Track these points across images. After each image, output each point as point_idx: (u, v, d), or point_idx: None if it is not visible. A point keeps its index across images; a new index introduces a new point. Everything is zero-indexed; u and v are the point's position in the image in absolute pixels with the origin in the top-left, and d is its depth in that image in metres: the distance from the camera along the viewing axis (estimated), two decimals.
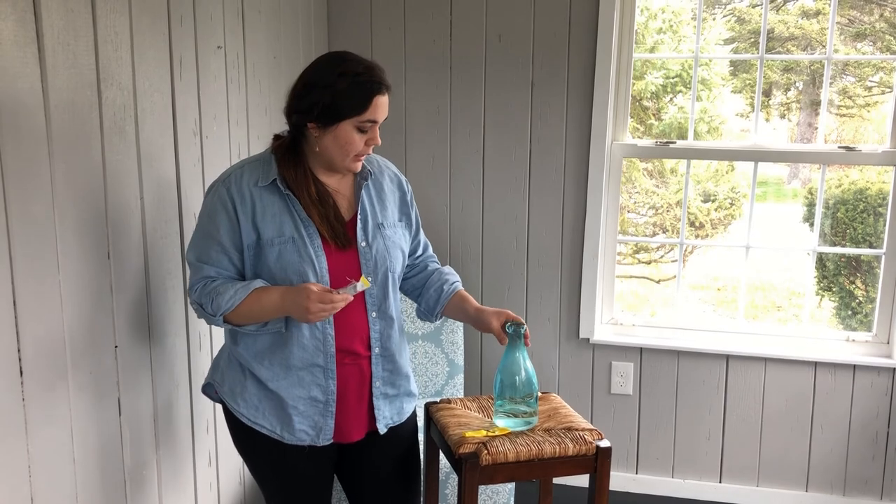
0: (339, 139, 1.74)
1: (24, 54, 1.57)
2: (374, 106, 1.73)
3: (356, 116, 1.72)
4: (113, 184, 1.87)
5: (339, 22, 3.22)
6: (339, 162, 1.79)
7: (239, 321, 1.78)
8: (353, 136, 1.74)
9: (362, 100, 1.72)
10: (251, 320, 1.77)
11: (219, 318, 1.76)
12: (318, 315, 1.68)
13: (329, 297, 1.67)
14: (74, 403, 1.77)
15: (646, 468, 3.33)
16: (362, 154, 1.79)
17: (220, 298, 1.74)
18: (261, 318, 1.76)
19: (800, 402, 3.16)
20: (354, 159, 1.79)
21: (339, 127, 1.73)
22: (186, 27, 2.18)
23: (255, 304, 1.73)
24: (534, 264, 3.25)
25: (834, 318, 5.51)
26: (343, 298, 1.69)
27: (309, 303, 1.66)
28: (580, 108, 3.10)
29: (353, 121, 1.73)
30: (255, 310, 1.74)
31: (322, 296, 1.67)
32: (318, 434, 1.86)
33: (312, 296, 1.66)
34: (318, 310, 1.67)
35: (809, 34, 6.90)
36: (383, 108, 1.76)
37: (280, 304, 1.72)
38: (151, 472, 2.10)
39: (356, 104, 1.71)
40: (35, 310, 1.63)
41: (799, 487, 3.22)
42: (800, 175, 7.94)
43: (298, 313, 1.69)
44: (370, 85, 1.72)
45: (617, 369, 3.26)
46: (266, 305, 1.73)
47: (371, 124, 1.75)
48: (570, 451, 1.94)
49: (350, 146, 1.75)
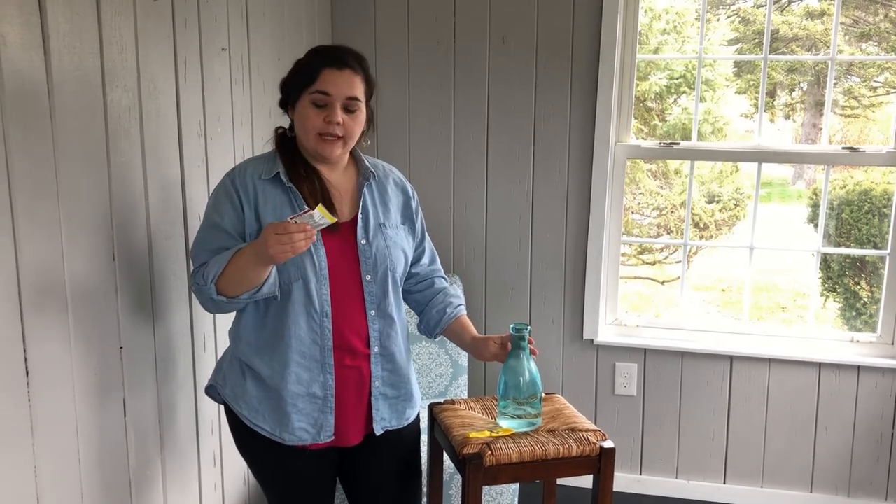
0: (300, 117, 1.79)
1: (30, 57, 1.58)
2: (323, 78, 1.75)
3: (306, 89, 1.77)
4: (118, 185, 1.88)
5: (342, 24, 3.22)
6: (306, 142, 1.81)
7: (230, 288, 1.74)
8: (309, 111, 1.77)
9: (311, 71, 1.77)
10: (240, 283, 1.73)
11: (211, 286, 1.74)
12: (279, 247, 1.61)
13: (283, 225, 1.61)
14: (80, 404, 1.77)
15: (650, 469, 3.33)
16: (325, 133, 1.77)
17: (209, 268, 1.75)
18: (245, 277, 1.71)
19: (804, 404, 3.16)
20: (318, 139, 1.78)
21: (298, 104, 1.79)
22: (191, 29, 2.19)
23: (237, 261, 1.72)
24: (538, 265, 3.25)
25: (839, 318, 5.50)
26: (300, 228, 1.61)
27: (266, 235, 1.62)
28: (584, 109, 3.10)
29: (307, 94, 1.77)
30: (238, 267, 1.71)
31: (276, 226, 1.62)
32: (319, 431, 1.86)
33: (268, 228, 1.63)
34: (276, 240, 1.61)
35: (814, 35, 6.90)
36: (336, 81, 1.76)
37: (252, 251, 1.69)
38: (156, 472, 2.11)
39: (305, 76, 1.77)
40: (41, 310, 1.63)
41: (803, 489, 3.21)
42: (804, 176, 7.94)
43: (263, 252, 1.64)
44: (321, 57, 1.79)
45: (621, 370, 3.26)
46: (245, 258, 1.70)
47: (323, 97, 1.76)
48: (574, 452, 1.95)
49: (307, 122, 1.77)
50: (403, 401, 1.96)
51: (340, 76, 1.76)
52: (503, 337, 1.96)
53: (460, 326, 2.03)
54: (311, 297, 1.79)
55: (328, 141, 1.78)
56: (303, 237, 1.62)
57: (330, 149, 1.79)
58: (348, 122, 1.78)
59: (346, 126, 1.78)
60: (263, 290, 1.75)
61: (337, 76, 1.76)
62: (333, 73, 1.76)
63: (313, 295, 1.79)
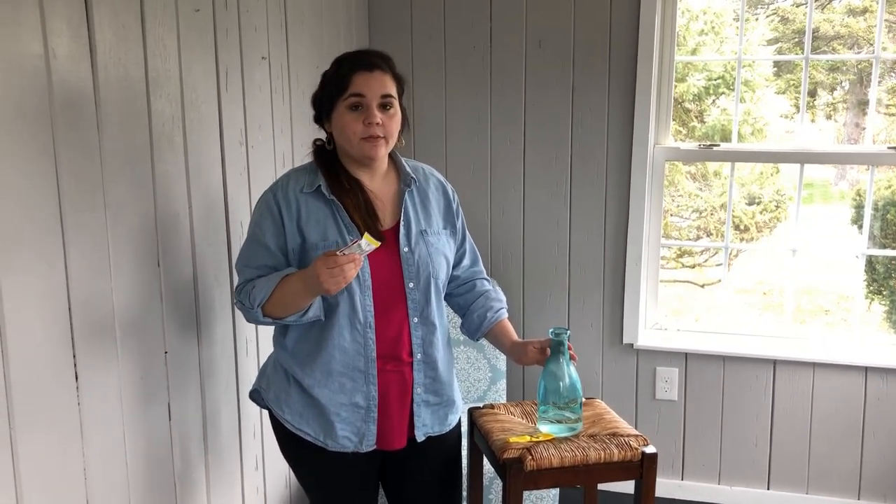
0: (338, 125, 1.79)
1: (77, 69, 1.62)
2: (354, 81, 1.76)
3: (341, 96, 1.77)
4: (162, 193, 1.92)
5: (379, 31, 3.25)
6: (351, 150, 1.80)
7: (276, 312, 1.77)
8: (347, 118, 1.77)
9: (342, 78, 1.77)
10: (287, 308, 1.75)
11: (257, 310, 1.76)
12: (332, 280, 1.62)
13: (333, 259, 1.62)
14: (126, 408, 1.81)
15: (692, 475, 3.29)
16: (369, 136, 1.77)
17: (255, 291, 1.77)
18: (293, 303, 1.74)
19: (850, 408, 3.10)
20: (362, 143, 1.78)
21: (335, 114, 1.79)
22: (232, 39, 2.22)
23: (284, 288, 1.74)
24: (576, 269, 3.23)
25: (884, 321, 5.38)
26: (349, 259, 1.62)
27: (317, 270, 1.63)
28: (622, 111, 3.08)
29: (342, 102, 1.77)
30: (285, 294, 1.73)
31: (326, 260, 1.63)
32: (361, 441, 1.87)
33: (318, 262, 1.64)
34: (328, 274, 1.62)
35: (856, 32, 6.78)
36: (368, 83, 1.77)
37: (302, 282, 1.70)
38: (200, 475, 2.14)
39: (338, 84, 1.77)
40: (88, 316, 1.67)
41: (850, 496, 3.14)
42: (847, 176, 7.79)
43: (316, 285, 1.66)
44: (348, 63, 1.79)
45: (661, 375, 3.23)
46: (293, 287, 1.72)
47: (359, 99, 1.76)
48: (616, 457, 1.93)
49: (347, 128, 1.77)
50: (445, 407, 1.96)
51: (371, 77, 1.77)
52: (542, 341, 1.95)
53: (500, 331, 2.02)
54: (355, 309, 1.80)
55: (371, 142, 1.78)
56: (353, 266, 1.64)
57: (374, 150, 1.79)
58: (386, 121, 1.79)
59: (385, 125, 1.78)
60: (309, 314, 1.78)
61: (368, 77, 1.77)
62: (364, 75, 1.77)
63: (357, 306, 1.80)
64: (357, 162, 1.84)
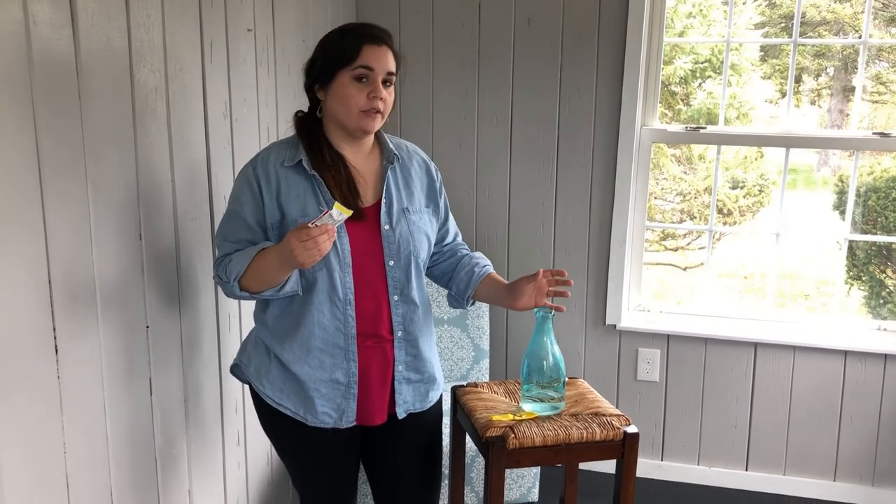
0: (337, 94, 1.77)
1: (59, 36, 1.58)
2: (364, 53, 1.75)
3: (347, 65, 1.75)
4: (144, 165, 1.89)
5: (366, 5, 3.21)
6: (347, 120, 1.78)
7: (253, 286, 1.76)
8: (350, 89, 1.75)
9: (351, 48, 1.75)
10: (263, 283, 1.75)
11: (234, 284, 1.76)
12: (306, 253, 1.61)
13: (306, 231, 1.61)
14: (107, 382, 1.79)
15: (671, 455, 3.32)
16: (368, 109, 1.76)
17: (232, 265, 1.76)
18: (269, 277, 1.73)
19: (829, 392, 3.13)
20: (362, 115, 1.77)
21: (335, 82, 1.76)
22: (217, 10, 2.18)
23: (260, 261, 1.73)
24: (561, 250, 3.23)
25: (863, 307, 5.44)
26: (322, 230, 1.61)
27: (291, 243, 1.62)
28: (609, 92, 3.07)
29: (347, 71, 1.75)
30: (262, 268, 1.72)
31: (299, 233, 1.61)
32: (341, 417, 1.87)
33: (291, 235, 1.63)
34: (302, 248, 1.61)
35: (842, 18, 6.79)
36: (377, 56, 1.76)
37: (277, 255, 1.69)
38: (181, 451, 2.13)
39: (346, 53, 1.75)
40: (69, 288, 1.65)
41: (827, 477, 3.19)
42: (829, 163, 7.83)
43: (290, 259, 1.64)
44: (358, 34, 1.77)
45: (643, 356, 3.25)
46: (269, 261, 1.71)
47: (365, 71, 1.75)
48: (598, 437, 1.94)
49: (349, 99, 1.75)
50: (426, 384, 1.96)
51: (380, 51, 1.76)
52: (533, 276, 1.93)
53: (492, 281, 2.00)
54: (334, 285, 1.79)
55: (370, 116, 1.77)
56: (326, 238, 1.62)
57: (371, 123, 1.79)
58: (387, 97, 1.79)
59: (385, 101, 1.78)
60: (286, 288, 1.77)
61: (377, 51, 1.76)
62: (374, 48, 1.75)
63: (337, 283, 1.79)
64: (346, 134, 1.83)
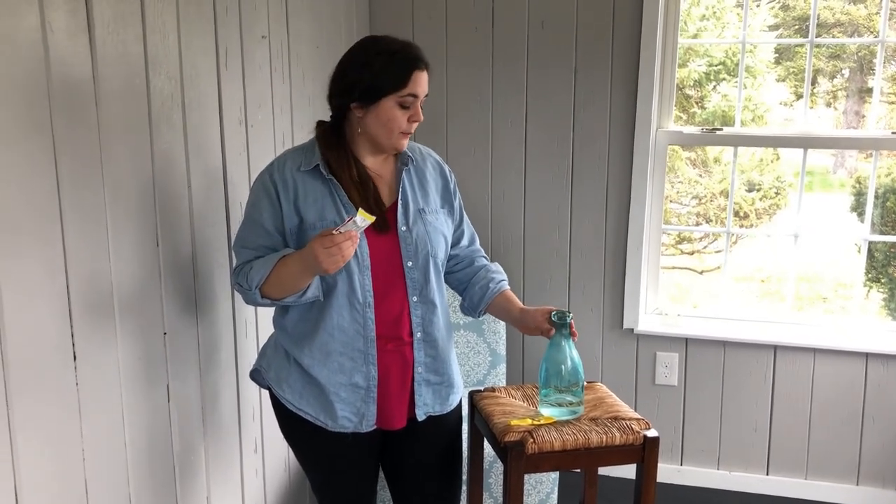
0: (381, 117, 1.76)
1: (75, 44, 1.59)
2: (413, 80, 1.74)
3: (396, 92, 1.74)
4: (161, 171, 1.89)
5: (380, 10, 3.21)
6: (385, 140, 1.80)
7: (275, 293, 1.76)
8: (395, 113, 1.76)
9: (401, 75, 1.74)
10: (285, 289, 1.75)
11: (255, 291, 1.76)
12: (330, 260, 1.62)
13: (330, 238, 1.61)
14: (125, 388, 1.79)
15: (691, 460, 3.29)
16: (406, 131, 1.79)
17: (253, 272, 1.76)
18: (291, 284, 1.73)
19: (850, 394, 3.09)
20: (400, 136, 1.80)
21: (380, 105, 1.75)
22: (232, 17, 2.19)
23: (282, 268, 1.73)
24: (576, 254, 3.22)
25: (883, 309, 5.39)
26: (346, 237, 1.62)
27: (315, 250, 1.62)
28: (624, 94, 3.06)
29: (394, 97, 1.74)
30: (283, 275, 1.72)
31: (323, 240, 1.62)
32: (361, 420, 1.86)
33: (315, 242, 1.63)
34: (326, 254, 1.61)
35: (856, 20, 6.74)
36: (423, 83, 1.77)
37: (300, 262, 1.69)
38: (199, 457, 2.13)
39: (395, 79, 1.74)
40: (87, 296, 1.65)
41: (849, 481, 3.15)
42: (846, 164, 7.77)
43: (314, 265, 1.65)
44: (408, 60, 1.75)
45: (661, 360, 3.22)
46: (291, 268, 1.71)
47: (412, 99, 1.76)
48: (617, 441, 1.93)
49: (393, 123, 1.76)
50: (447, 387, 1.96)
51: (423, 76, 1.78)
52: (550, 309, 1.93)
53: (505, 299, 2.00)
54: (353, 289, 1.79)
55: (406, 136, 1.81)
56: (350, 244, 1.63)
57: (404, 143, 1.83)
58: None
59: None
60: (308, 294, 1.77)
61: (422, 77, 1.77)
62: (419, 74, 1.76)
63: (356, 286, 1.79)
64: (375, 149, 1.84)
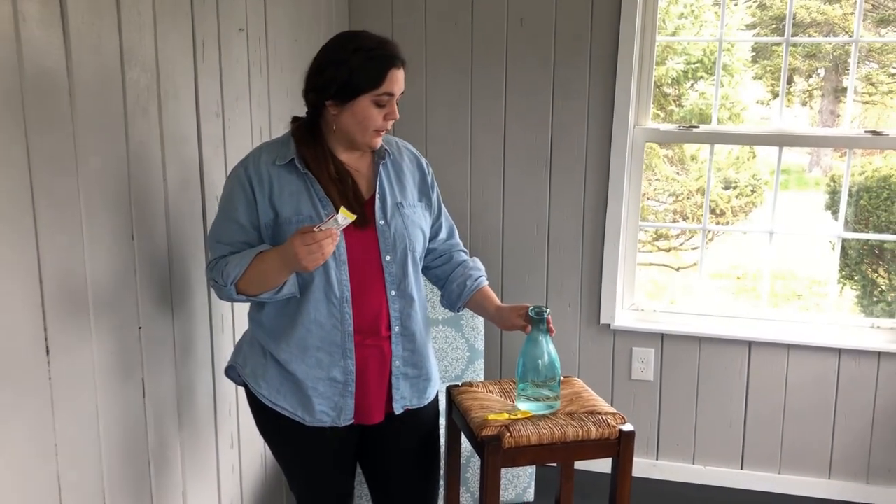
0: (357, 115, 1.75)
1: (48, 35, 1.57)
2: (389, 79, 1.74)
3: (372, 91, 1.73)
4: (136, 165, 1.87)
5: (359, 4, 3.20)
6: (360, 138, 1.79)
7: (251, 289, 1.75)
8: (371, 111, 1.75)
9: (377, 73, 1.73)
10: (261, 286, 1.74)
11: (230, 287, 1.74)
12: (310, 257, 1.62)
13: (310, 235, 1.61)
14: (99, 383, 1.77)
15: (666, 454, 3.31)
16: (382, 129, 1.79)
17: (228, 268, 1.75)
18: (268, 280, 1.73)
19: (823, 390, 3.13)
20: (374, 134, 1.79)
21: (356, 103, 1.74)
22: (209, 9, 2.17)
23: (259, 265, 1.72)
24: (554, 249, 3.23)
25: (856, 306, 5.45)
26: (326, 234, 1.61)
27: (294, 247, 1.62)
28: (602, 91, 3.07)
29: (370, 95, 1.74)
30: (260, 271, 1.72)
31: (303, 237, 1.62)
32: (339, 415, 1.86)
33: (295, 239, 1.63)
34: (306, 251, 1.61)
35: (832, 19, 6.81)
36: (399, 81, 1.77)
37: (278, 259, 1.69)
38: (175, 453, 2.11)
39: (371, 78, 1.73)
40: (60, 289, 1.63)
41: (821, 475, 3.19)
42: (821, 163, 7.86)
43: (293, 262, 1.65)
44: (384, 59, 1.74)
45: (638, 355, 3.24)
46: (268, 264, 1.71)
47: (388, 97, 1.75)
48: (593, 435, 1.94)
49: (368, 121, 1.76)
50: (424, 380, 1.96)
51: (399, 74, 1.77)
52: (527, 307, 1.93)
53: (483, 297, 2.01)
54: (330, 284, 1.79)
55: (381, 133, 1.81)
56: (330, 242, 1.63)
57: (380, 140, 1.83)
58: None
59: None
60: (284, 290, 1.76)
61: (398, 75, 1.76)
62: (396, 72, 1.76)
63: (333, 281, 1.78)
64: (350, 146, 1.83)
